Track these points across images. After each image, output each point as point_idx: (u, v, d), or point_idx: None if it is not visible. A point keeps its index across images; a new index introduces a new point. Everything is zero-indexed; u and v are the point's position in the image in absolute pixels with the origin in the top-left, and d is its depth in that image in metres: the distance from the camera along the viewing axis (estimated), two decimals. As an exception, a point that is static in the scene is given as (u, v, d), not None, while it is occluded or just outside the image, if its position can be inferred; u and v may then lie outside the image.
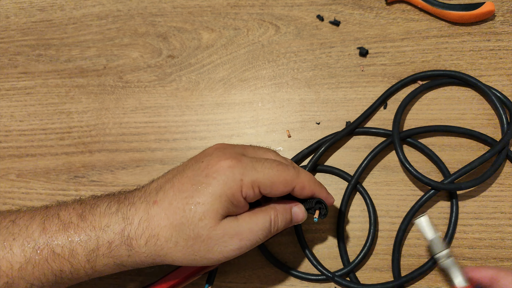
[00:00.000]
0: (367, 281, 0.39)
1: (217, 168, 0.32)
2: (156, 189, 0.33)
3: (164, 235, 0.31)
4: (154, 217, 0.31)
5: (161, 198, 0.32)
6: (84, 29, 0.49)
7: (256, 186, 0.32)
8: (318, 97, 0.45)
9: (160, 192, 0.32)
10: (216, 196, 0.31)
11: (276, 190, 0.33)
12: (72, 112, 0.47)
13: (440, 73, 0.43)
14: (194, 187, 0.31)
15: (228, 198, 0.31)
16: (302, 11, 0.47)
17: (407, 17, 0.46)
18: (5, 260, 0.30)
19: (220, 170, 0.31)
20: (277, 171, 0.33)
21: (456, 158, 0.42)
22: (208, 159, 0.33)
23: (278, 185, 0.32)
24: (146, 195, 0.33)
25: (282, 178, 0.33)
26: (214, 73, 0.47)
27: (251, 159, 0.33)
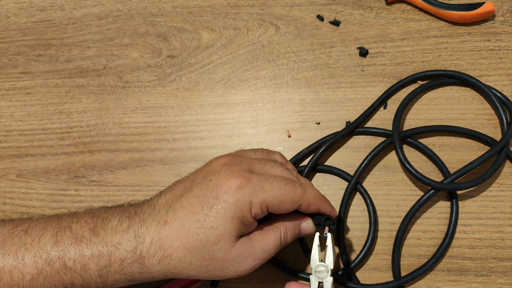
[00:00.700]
0: (367, 281, 0.39)
1: (226, 189, 0.31)
2: (165, 207, 0.33)
3: (178, 255, 0.31)
4: (166, 237, 0.31)
5: (172, 219, 0.32)
6: (84, 29, 0.49)
7: (265, 205, 0.32)
8: (318, 97, 0.45)
9: (170, 211, 0.32)
10: (228, 219, 0.31)
11: (283, 209, 0.33)
12: (72, 112, 0.47)
13: (440, 73, 0.43)
14: (205, 211, 0.31)
15: (239, 220, 0.31)
16: (302, 11, 0.47)
17: (407, 17, 0.46)
18: (17, 270, 0.30)
19: (229, 192, 0.31)
20: (285, 190, 0.33)
21: (456, 158, 0.42)
22: (216, 177, 0.32)
23: (285, 204, 0.33)
24: (155, 212, 0.32)
25: (289, 197, 0.33)
26: (214, 73, 0.47)
27: (260, 177, 0.33)
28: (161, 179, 0.44)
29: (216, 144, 0.45)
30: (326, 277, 0.33)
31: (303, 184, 0.34)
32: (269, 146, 0.44)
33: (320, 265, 0.33)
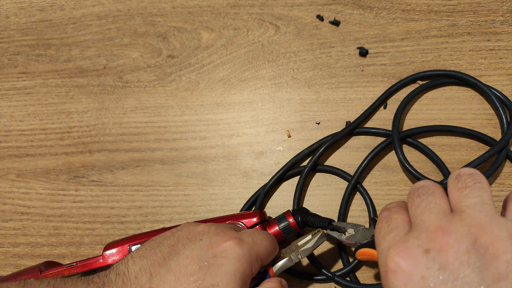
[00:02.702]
0: (367, 281, 0.39)
1: (224, 247, 0.30)
2: (144, 274, 0.29)
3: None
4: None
5: (159, 284, 0.28)
6: (84, 29, 0.49)
7: (260, 259, 0.32)
8: (318, 97, 0.45)
9: (155, 277, 0.29)
10: (230, 275, 0.29)
11: (268, 260, 0.34)
12: (72, 112, 0.47)
13: (440, 73, 0.43)
14: (203, 270, 0.29)
15: (242, 276, 0.30)
16: (302, 11, 0.47)
17: (407, 17, 0.46)
18: None
19: (228, 249, 0.30)
20: (271, 241, 0.33)
21: (456, 158, 0.42)
22: (208, 237, 0.31)
23: (272, 255, 0.33)
24: (131, 281, 0.29)
25: (274, 247, 0.34)
26: (214, 73, 0.47)
27: (246, 234, 0.32)
28: (161, 179, 0.44)
29: (216, 144, 0.45)
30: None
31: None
32: (269, 146, 0.44)
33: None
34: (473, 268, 0.24)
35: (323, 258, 0.40)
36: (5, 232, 0.44)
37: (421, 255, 0.25)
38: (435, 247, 0.25)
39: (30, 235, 0.44)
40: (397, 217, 0.29)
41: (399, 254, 0.26)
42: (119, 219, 0.43)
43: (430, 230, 0.26)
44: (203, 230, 0.32)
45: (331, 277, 0.38)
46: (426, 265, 0.25)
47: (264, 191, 0.42)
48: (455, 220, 0.26)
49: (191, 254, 0.30)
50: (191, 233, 0.32)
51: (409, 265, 0.25)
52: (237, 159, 0.44)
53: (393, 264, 0.26)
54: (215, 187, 0.43)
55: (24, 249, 0.43)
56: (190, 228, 0.32)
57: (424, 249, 0.26)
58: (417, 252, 0.26)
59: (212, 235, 0.31)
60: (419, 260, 0.25)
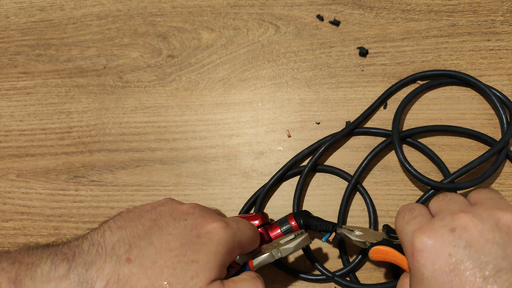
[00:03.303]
0: (367, 281, 0.39)
1: (209, 229, 0.30)
2: (123, 245, 0.28)
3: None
4: (129, 277, 0.27)
5: (138, 256, 0.28)
6: (84, 29, 0.49)
7: (241, 247, 0.32)
8: (318, 97, 0.45)
9: (134, 249, 0.28)
10: (212, 254, 0.29)
11: (249, 250, 0.34)
12: (72, 112, 0.47)
13: (440, 73, 0.43)
14: (185, 247, 0.29)
15: (222, 258, 0.30)
16: (302, 11, 0.47)
17: (407, 17, 0.46)
18: None
19: (213, 231, 0.30)
20: (253, 231, 0.34)
21: (456, 158, 0.42)
22: (192, 218, 0.31)
23: (253, 245, 0.34)
24: (108, 251, 0.28)
25: (256, 238, 0.34)
26: (214, 73, 0.47)
27: (232, 220, 0.33)
28: (161, 179, 0.44)
29: (216, 144, 0.45)
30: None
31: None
32: (269, 146, 0.44)
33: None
34: (498, 245, 0.26)
35: (323, 258, 0.40)
36: (5, 232, 0.44)
37: (447, 234, 0.27)
38: (460, 226, 0.27)
39: (30, 235, 0.44)
40: (420, 208, 0.31)
41: (425, 233, 0.27)
42: (119, 219, 0.43)
43: (454, 212, 0.28)
44: (188, 210, 0.32)
45: (331, 277, 0.38)
46: (453, 243, 0.26)
47: (264, 191, 0.42)
48: (477, 207, 0.28)
49: (174, 232, 0.30)
50: (175, 211, 0.32)
51: (435, 243, 0.27)
52: (237, 159, 0.44)
53: (420, 244, 0.27)
54: (215, 187, 0.43)
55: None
56: (174, 206, 0.32)
57: (450, 228, 0.27)
58: (444, 231, 0.27)
59: (197, 216, 0.31)
60: (446, 238, 0.27)
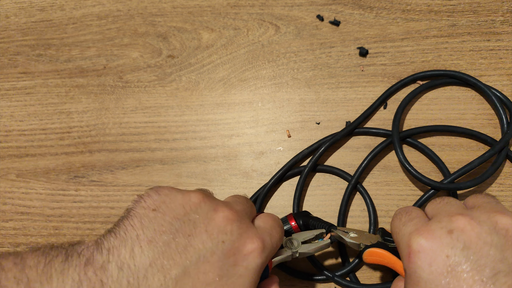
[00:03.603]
0: (367, 281, 0.39)
1: (245, 254, 0.28)
2: (156, 272, 0.24)
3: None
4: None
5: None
6: (84, 29, 0.49)
7: (271, 257, 0.31)
8: (318, 97, 0.45)
9: (169, 281, 0.25)
10: (247, 286, 0.27)
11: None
12: (72, 112, 0.47)
13: (440, 73, 0.43)
14: (223, 280, 0.26)
15: (255, 283, 0.28)
16: (302, 11, 0.47)
17: (407, 17, 0.46)
18: None
19: (250, 258, 0.28)
20: (282, 233, 0.33)
21: (456, 158, 0.42)
22: (230, 239, 0.28)
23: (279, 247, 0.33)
24: (141, 281, 0.24)
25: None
26: (214, 73, 0.47)
27: (267, 233, 0.31)
28: (161, 179, 0.44)
29: (216, 144, 0.45)
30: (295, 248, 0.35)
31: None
32: (269, 146, 0.44)
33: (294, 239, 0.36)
34: (496, 248, 0.25)
35: (323, 258, 0.40)
36: (5, 232, 0.44)
37: (445, 235, 0.27)
38: (458, 228, 0.27)
39: (30, 235, 0.44)
40: (416, 210, 0.31)
41: (422, 235, 0.27)
42: (119, 219, 0.43)
43: (451, 214, 0.28)
44: (225, 226, 0.28)
45: (331, 277, 0.38)
46: (450, 244, 0.26)
47: (264, 192, 0.42)
48: (474, 210, 0.28)
49: (212, 259, 0.26)
50: (210, 225, 0.28)
51: (433, 245, 0.26)
52: (237, 159, 0.44)
53: (417, 245, 0.27)
54: (215, 187, 0.43)
55: (24, 249, 0.43)
56: (209, 215, 0.28)
57: (447, 230, 0.27)
58: (441, 233, 0.27)
59: (235, 236, 0.28)
60: (443, 240, 0.26)
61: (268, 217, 0.33)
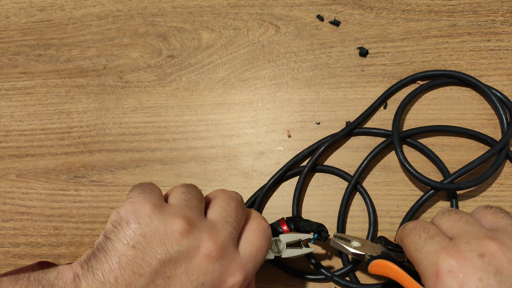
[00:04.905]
0: (367, 281, 0.39)
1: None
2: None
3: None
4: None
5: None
6: (84, 29, 0.49)
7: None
8: (318, 97, 0.45)
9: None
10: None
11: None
12: (72, 112, 0.47)
13: (440, 73, 0.43)
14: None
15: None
16: (302, 11, 0.47)
17: (407, 17, 0.46)
18: None
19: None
20: (266, 254, 0.32)
21: (456, 158, 0.42)
22: (211, 281, 0.27)
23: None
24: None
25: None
26: (214, 73, 0.47)
27: (249, 259, 0.30)
28: (161, 179, 0.44)
29: (216, 144, 0.45)
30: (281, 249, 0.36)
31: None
32: (269, 146, 0.44)
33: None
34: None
35: (323, 257, 0.40)
36: (5, 232, 0.44)
37: (477, 259, 0.27)
38: (489, 252, 0.27)
39: (30, 235, 0.44)
40: (433, 227, 0.31)
41: (452, 256, 0.27)
42: (119, 219, 0.43)
43: (479, 237, 0.28)
44: (207, 265, 0.27)
45: (330, 277, 0.38)
46: (483, 268, 0.26)
47: (263, 192, 0.42)
48: (500, 233, 0.28)
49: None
50: (191, 265, 0.27)
51: (464, 267, 0.26)
52: (237, 159, 0.44)
53: (447, 265, 0.27)
54: (215, 187, 0.43)
55: (24, 249, 0.43)
56: (191, 254, 0.27)
57: (478, 253, 0.27)
58: (472, 255, 0.27)
59: (216, 275, 0.27)
60: (475, 264, 0.26)
61: (257, 236, 0.31)
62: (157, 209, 0.27)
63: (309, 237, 0.37)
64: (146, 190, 0.29)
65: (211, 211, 0.30)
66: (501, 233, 0.28)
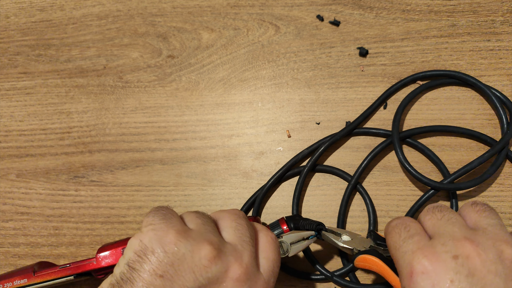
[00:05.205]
0: (367, 281, 0.39)
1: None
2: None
3: None
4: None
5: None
6: (84, 29, 0.49)
7: None
8: (318, 97, 0.45)
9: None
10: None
11: None
12: (72, 112, 0.47)
13: (440, 73, 0.43)
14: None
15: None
16: (302, 11, 0.47)
17: (407, 17, 0.46)
18: None
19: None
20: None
21: (456, 158, 0.42)
22: (220, 276, 0.27)
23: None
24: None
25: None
26: (214, 73, 0.47)
27: (272, 273, 0.30)
28: (161, 179, 0.44)
29: (216, 144, 0.45)
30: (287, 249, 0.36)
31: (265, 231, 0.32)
32: (269, 146, 0.44)
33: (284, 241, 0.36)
34: (500, 277, 0.26)
35: (323, 258, 0.40)
36: (5, 232, 0.44)
37: (450, 260, 0.26)
38: (463, 254, 0.26)
39: (30, 235, 0.44)
40: (415, 225, 0.31)
41: (427, 257, 0.27)
42: (119, 219, 0.43)
43: (456, 238, 0.28)
44: (236, 287, 0.27)
45: (330, 277, 0.38)
46: (455, 270, 0.26)
47: (262, 192, 0.42)
48: (479, 234, 0.28)
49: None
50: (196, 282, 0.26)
51: (437, 268, 0.26)
52: (237, 159, 0.44)
53: (420, 266, 0.27)
54: (215, 187, 0.43)
55: (24, 249, 0.43)
56: (220, 279, 0.27)
57: (452, 255, 0.27)
58: (446, 257, 0.27)
59: (223, 273, 0.27)
60: (448, 265, 0.26)
61: (270, 250, 0.31)
62: (182, 236, 0.27)
63: (311, 233, 0.37)
64: (167, 216, 0.28)
65: (224, 234, 0.30)
66: (480, 234, 0.28)
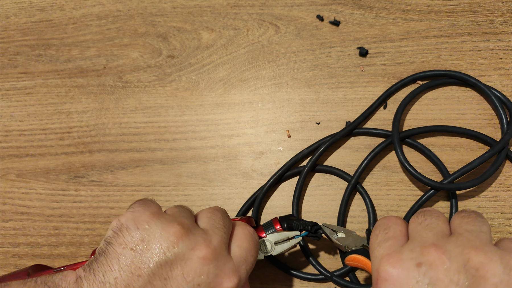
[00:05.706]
0: (367, 281, 0.39)
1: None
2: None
3: None
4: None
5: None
6: (84, 29, 0.49)
7: None
8: (318, 97, 0.45)
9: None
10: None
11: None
12: (72, 112, 0.47)
13: (440, 73, 0.43)
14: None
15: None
16: (302, 11, 0.47)
17: (407, 17, 0.46)
18: None
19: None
20: (256, 257, 0.33)
21: (456, 158, 0.42)
22: (206, 282, 0.28)
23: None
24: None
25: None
26: (214, 73, 0.47)
27: (241, 260, 0.31)
28: (161, 179, 0.44)
29: (216, 144, 0.45)
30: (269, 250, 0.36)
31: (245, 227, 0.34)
32: (269, 146, 0.44)
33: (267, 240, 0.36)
34: (461, 287, 0.25)
35: (323, 258, 0.40)
36: (5, 232, 0.44)
37: (413, 268, 0.26)
38: (427, 262, 0.26)
39: (30, 235, 0.44)
40: (396, 227, 0.30)
41: (391, 264, 0.27)
42: (119, 219, 0.43)
43: (425, 245, 0.27)
44: (202, 267, 0.28)
45: (329, 277, 0.38)
46: (416, 278, 0.25)
47: (262, 192, 0.42)
48: (451, 241, 0.27)
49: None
50: (186, 267, 0.28)
51: (399, 276, 0.26)
52: (237, 159, 0.44)
53: (385, 273, 0.27)
54: (215, 187, 0.43)
55: (24, 249, 0.43)
56: (186, 256, 0.28)
57: (416, 262, 0.26)
58: (410, 264, 0.26)
59: (212, 277, 0.29)
60: (410, 273, 0.26)
61: (244, 239, 0.32)
62: (156, 216, 0.29)
63: (296, 233, 0.36)
64: (147, 202, 0.31)
65: (199, 222, 0.32)
66: (453, 240, 0.27)
